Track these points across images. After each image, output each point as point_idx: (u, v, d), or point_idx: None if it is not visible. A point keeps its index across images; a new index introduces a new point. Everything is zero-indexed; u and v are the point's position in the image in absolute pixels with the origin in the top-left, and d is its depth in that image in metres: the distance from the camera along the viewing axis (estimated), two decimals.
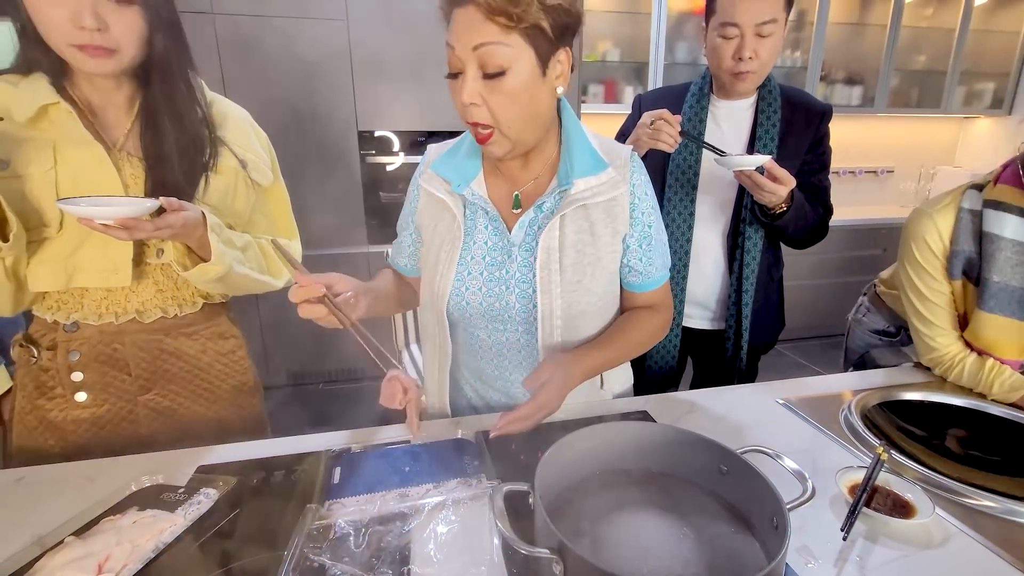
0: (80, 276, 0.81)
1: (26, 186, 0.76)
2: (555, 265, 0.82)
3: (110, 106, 0.82)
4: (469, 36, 0.67)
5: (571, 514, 0.60)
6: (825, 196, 1.22)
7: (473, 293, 0.85)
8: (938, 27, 3.37)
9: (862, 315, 1.33)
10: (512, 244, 0.84)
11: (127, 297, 0.85)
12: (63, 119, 0.78)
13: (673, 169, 1.23)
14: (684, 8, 3.05)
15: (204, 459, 0.78)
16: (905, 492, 0.67)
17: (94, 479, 0.73)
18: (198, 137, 0.86)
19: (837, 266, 3.24)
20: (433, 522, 0.63)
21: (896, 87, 3.42)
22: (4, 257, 0.73)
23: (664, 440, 0.65)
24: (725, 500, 0.61)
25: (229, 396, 0.99)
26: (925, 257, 1.00)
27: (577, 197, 0.81)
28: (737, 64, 1.10)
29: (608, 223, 0.84)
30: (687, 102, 1.23)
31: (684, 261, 1.25)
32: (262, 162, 0.96)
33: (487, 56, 0.67)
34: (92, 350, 0.85)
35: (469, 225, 0.85)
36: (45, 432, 0.87)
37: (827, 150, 1.23)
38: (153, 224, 0.73)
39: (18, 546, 0.61)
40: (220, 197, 0.89)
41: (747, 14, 1.05)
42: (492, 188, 0.86)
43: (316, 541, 0.60)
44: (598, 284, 0.85)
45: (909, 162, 3.77)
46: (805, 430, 0.87)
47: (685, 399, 0.96)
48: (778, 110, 1.18)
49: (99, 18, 0.71)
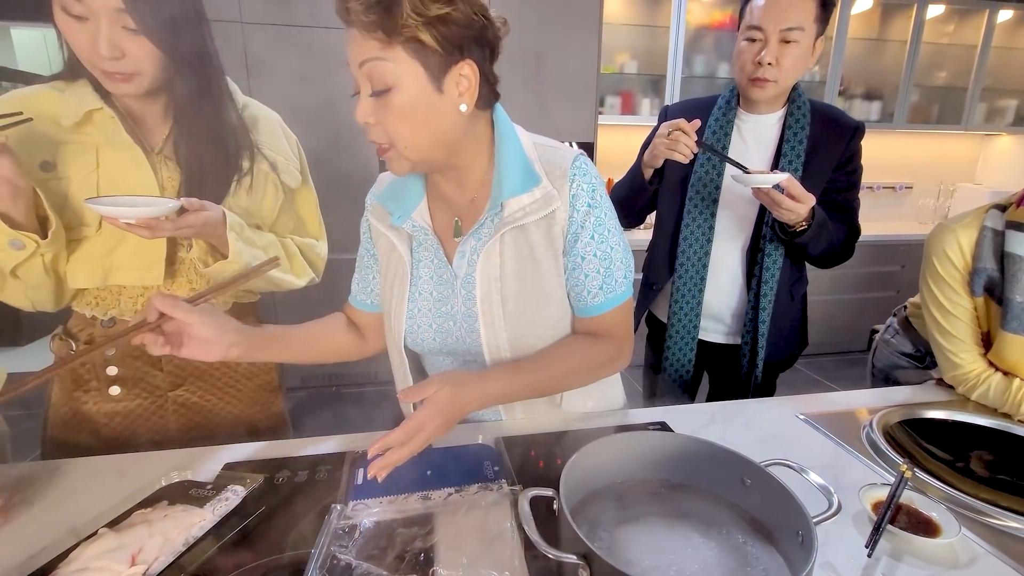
0: (116, 274, 0.84)
1: (70, 187, 0.79)
2: (496, 297, 0.77)
3: (148, 113, 0.86)
4: (354, 54, 0.64)
5: (593, 521, 0.61)
6: (853, 216, 1.20)
7: (425, 329, 0.82)
8: (959, 43, 3.35)
9: (890, 336, 1.31)
10: (455, 276, 0.79)
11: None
12: (106, 124, 0.81)
13: (695, 182, 1.22)
14: (702, 22, 3.07)
15: (231, 456, 0.79)
16: (930, 511, 0.67)
17: (126, 473, 0.75)
18: (231, 141, 0.89)
19: (855, 282, 3.21)
20: (456, 526, 0.64)
21: (916, 103, 3.40)
22: (43, 253, 0.76)
23: (685, 451, 0.66)
24: (748, 513, 0.61)
25: (253, 394, 1.01)
26: (947, 270, 0.99)
27: (510, 219, 0.74)
28: (756, 69, 1.10)
29: (548, 244, 0.77)
30: (713, 115, 1.23)
31: (701, 274, 1.24)
32: (291, 164, 0.98)
33: (372, 73, 0.64)
34: (127, 345, 0.87)
35: (416, 258, 0.81)
36: (79, 424, 0.89)
37: (858, 168, 1.20)
38: (174, 224, 0.75)
39: (53, 536, 0.63)
40: (249, 198, 0.91)
41: (773, 19, 1.05)
42: (435, 215, 0.81)
43: (342, 540, 0.61)
44: (545, 315, 0.79)
45: (929, 178, 3.74)
46: (826, 445, 0.87)
47: (704, 411, 0.96)
48: (806, 126, 1.16)
49: (115, 47, 0.73)
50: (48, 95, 0.80)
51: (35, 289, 0.80)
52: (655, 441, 0.68)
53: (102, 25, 0.72)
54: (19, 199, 0.71)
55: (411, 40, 0.62)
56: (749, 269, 1.23)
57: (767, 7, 1.06)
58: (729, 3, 3.08)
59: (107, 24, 0.72)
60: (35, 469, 0.76)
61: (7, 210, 0.71)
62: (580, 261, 0.78)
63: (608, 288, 0.79)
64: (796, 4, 1.06)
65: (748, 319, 1.24)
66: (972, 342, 1.00)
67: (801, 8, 1.05)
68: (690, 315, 1.27)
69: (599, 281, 0.79)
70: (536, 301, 0.78)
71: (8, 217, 0.71)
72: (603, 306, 0.80)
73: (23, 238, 0.73)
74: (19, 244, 0.73)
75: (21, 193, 0.71)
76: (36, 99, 0.79)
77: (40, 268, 0.78)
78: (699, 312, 1.27)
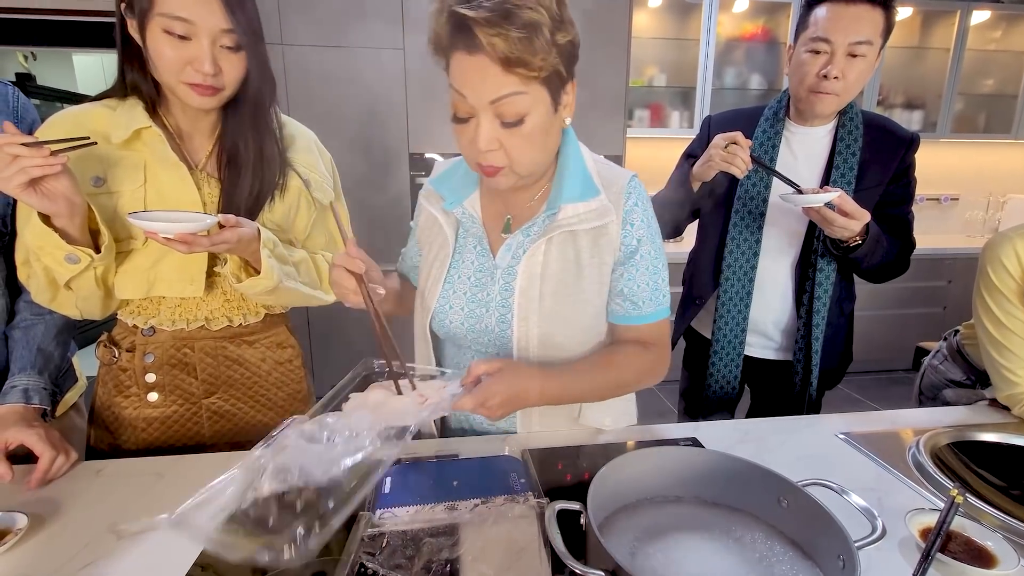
0: (159, 286, 0.87)
1: (118, 202, 0.83)
2: (535, 292, 0.79)
3: (195, 131, 0.90)
4: (485, 89, 0.64)
5: (621, 537, 0.59)
6: (908, 230, 1.16)
7: (456, 313, 0.84)
8: (1008, 50, 3.22)
9: (939, 362, 1.25)
10: (496, 267, 0.83)
11: (198, 305, 0.91)
12: (154, 141, 0.85)
13: (741, 195, 1.20)
14: (732, 34, 3.05)
15: None
16: (984, 539, 0.63)
17: (163, 474, 0.78)
18: (271, 160, 0.92)
19: (898, 297, 3.08)
20: (483, 537, 0.64)
21: (960, 112, 3.27)
22: (96, 267, 0.79)
23: (719, 468, 0.64)
24: (785, 534, 0.59)
25: (284, 403, 1.03)
26: (1003, 281, 0.94)
27: (563, 223, 0.78)
28: (820, 82, 1.06)
29: (595, 254, 0.80)
30: (760, 126, 1.20)
31: (748, 289, 1.21)
32: (325, 182, 1.01)
33: (506, 107, 0.65)
34: (165, 354, 0.91)
35: (460, 244, 0.86)
36: (119, 427, 0.93)
37: (912, 181, 1.16)
38: (210, 239, 0.78)
39: (95, 533, 0.66)
40: (283, 214, 0.94)
41: (842, 31, 1.02)
42: (486, 208, 0.85)
43: (370, 548, 0.61)
44: (579, 317, 0.81)
45: (976, 190, 3.57)
46: (868, 467, 0.83)
47: (737, 427, 0.93)
48: (859, 138, 1.13)
49: (215, 64, 0.79)
50: (100, 113, 0.84)
51: (85, 299, 0.84)
52: (687, 457, 0.66)
53: (204, 44, 0.77)
54: (76, 215, 0.74)
55: (551, 72, 0.66)
56: (799, 284, 1.20)
57: (835, 18, 1.03)
58: (760, 14, 3.05)
59: (209, 43, 0.77)
60: (76, 469, 0.80)
61: (64, 226, 0.74)
62: (635, 272, 0.81)
63: (657, 299, 0.83)
64: (866, 16, 1.02)
65: (800, 335, 1.20)
66: None
67: (871, 20, 1.02)
68: (736, 330, 1.24)
69: (650, 292, 0.82)
70: (573, 303, 0.80)
71: (65, 232, 0.75)
72: (654, 315, 0.83)
73: (79, 252, 0.76)
74: (75, 258, 0.76)
75: (78, 209, 0.74)
76: (89, 117, 0.84)
77: (92, 280, 0.81)
78: (745, 328, 1.24)
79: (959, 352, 1.20)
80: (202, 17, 0.76)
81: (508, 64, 0.63)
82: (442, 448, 0.85)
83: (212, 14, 0.76)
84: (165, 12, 0.74)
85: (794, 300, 1.22)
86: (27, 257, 0.80)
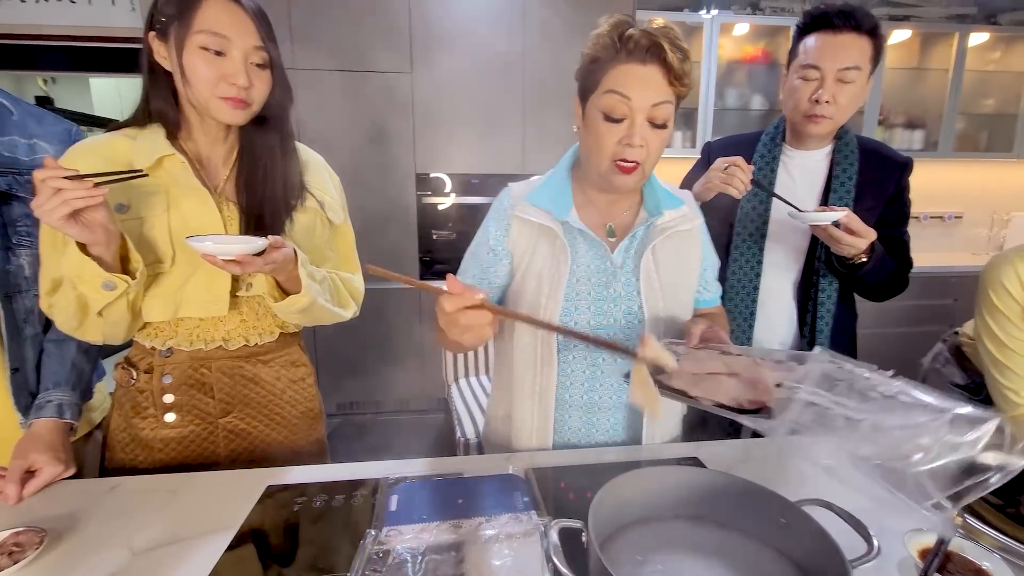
0: (185, 307, 0.89)
1: (143, 227, 0.86)
2: (656, 284, 0.93)
3: (214, 156, 0.93)
4: (650, 94, 0.80)
5: (621, 555, 0.60)
6: (905, 250, 1.19)
7: (581, 312, 0.91)
8: (1007, 70, 3.25)
9: (940, 365, 1.26)
10: (616, 266, 0.92)
11: (216, 326, 0.93)
12: (176, 168, 0.88)
13: (742, 217, 1.23)
14: (734, 56, 3.10)
15: (273, 479, 0.83)
16: (982, 560, 0.63)
17: (177, 491, 0.80)
18: (290, 182, 0.95)
19: (903, 315, 3.07)
20: (487, 555, 0.65)
21: (962, 131, 3.29)
22: (129, 292, 0.81)
23: (718, 487, 0.65)
24: (783, 553, 0.60)
25: (297, 421, 1.04)
26: (1004, 302, 0.95)
27: (665, 226, 0.93)
28: (813, 107, 1.10)
29: (684, 252, 0.96)
30: (758, 151, 1.23)
31: (751, 309, 1.23)
32: (336, 203, 1.05)
33: (659, 111, 0.81)
34: (183, 374, 0.92)
35: (574, 250, 0.92)
36: (136, 448, 0.94)
37: (907, 203, 1.19)
38: (262, 259, 0.81)
39: (109, 550, 0.67)
40: (303, 234, 0.97)
41: (831, 59, 1.06)
42: (587, 220, 0.94)
43: (376, 565, 0.63)
44: (688, 301, 0.98)
45: (980, 208, 3.58)
46: (868, 486, 0.83)
47: (738, 446, 0.94)
48: (855, 162, 1.16)
49: (248, 78, 0.84)
50: (121, 143, 0.87)
51: (114, 324, 0.85)
52: (686, 476, 0.67)
53: (238, 59, 0.82)
54: (112, 243, 0.76)
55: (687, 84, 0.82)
56: (802, 304, 1.22)
57: (824, 47, 1.07)
58: (761, 37, 3.10)
59: (241, 59, 0.83)
60: (90, 486, 0.82)
61: (100, 254, 0.76)
62: (708, 266, 1.03)
63: (718, 286, 1.07)
64: (853, 44, 1.06)
65: None
66: None
67: (858, 48, 1.06)
68: None
69: (715, 281, 1.05)
70: (684, 288, 0.97)
71: (101, 260, 0.77)
72: (717, 297, 1.07)
73: (115, 280, 0.78)
74: (111, 285, 0.78)
75: (114, 238, 0.76)
76: (110, 146, 0.87)
77: (124, 306, 0.82)
78: (750, 347, 1.25)
79: (959, 353, 1.21)
80: (237, 33, 0.81)
81: (674, 75, 0.80)
82: (447, 467, 0.87)
83: (246, 31, 0.82)
84: (204, 28, 0.80)
85: (797, 319, 1.23)
86: (53, 287, 0.81)
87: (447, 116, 2.60)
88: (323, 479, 0.83)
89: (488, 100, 2.62)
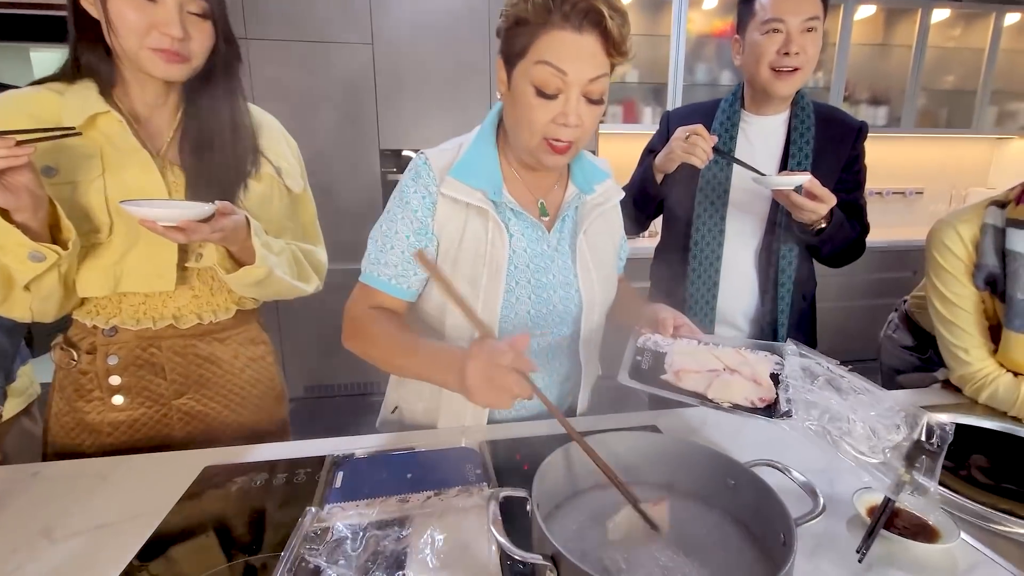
0: (126, 281, 0.82)
1: (75, 192, 0.77)
2: (590, 264, 0.89)
3: (155, 116, 0.84)
4: (587, 68, 0.71)
5: (572, 523, 0.59)
6: (862, 215, 1.19)
7: (522, 302, 0.85)
8: (967, 47, 3.31)
9: (892, 331, 1.30)
10: (552, 249, 0.87)
11: (164, 303, 0.86)
12: (112, 128, 0.79)
13: (703, 185, 1.21)
14: (703, 30, 3.08)
15: (212, 460, 0.78)
16: (927, 515, 0.64)
17: (106, 476, 0.75)
18: (242, 145, 0.87)
19: (865, 289, 3.15)
20: (431, 528, 0.62)
21: (924, 107, 3.35)
22: (60, 264, 0.73)
23: (668, 452, 0.64)
24: (733, 515, 0.59)
25: (258, 401, 0.99)
26: (949, 262, 0.97)
27: (598, 201, 0.90)
28: (781, 59, 1.07)
29: (611, 226, 0.95)
30: (717, 118, 1.22)
31: (714, 279, 1.22)
32: (295, 169, 0.97)
33: (596, 86, 0.73)
34: (130, 354, 0.86)
35: (512, 233, 0.84)
36: (82, 434, 0.87)
37: (862, 168, 1.20)
38: (209, 227, 0.73)
39: (23, 536, 0.63)
40: (258, 203, 0.89)
41: (793, 11, 1.05)
42: (518, 197, 0.86)
43: (313, 543, 0.59)
44: (612, 277, 0.95)
45: (939, 183, 3.67)
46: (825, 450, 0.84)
47: (696, 414, 0.93)
48: (811, 127, 1.16)
49: (184, 29, 0.75)
50: (47, 97, 0.78)
51: (43, 300, 0.78)
52: (638, 442, 0.66)
53: (170, 5, 0.73)
54: (40, 210, 0.69)
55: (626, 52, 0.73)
56: (763, 271, 1.21)
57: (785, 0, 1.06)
58: (730, 11, 3.08)
59: (175, 5, 0.74)
60: (10, 472, 0.76)
61: (26, 221, 0.68)
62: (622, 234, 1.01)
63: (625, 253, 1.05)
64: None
65: (766, 322, 1.21)
66: (980, 337, 0.97)
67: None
68: (704, 320, 1.24)
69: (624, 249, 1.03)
70: (611, 263, 0.95)
71: (27, 228, 0.69)
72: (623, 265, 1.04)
73: (44, 250, 0.70)
74: (39, 256, 0.70)
75: (41, 203, 0.69)
76: (33, 101, 0.77)
77: (55, 279, 0.75)
78: (714, 318, 1.24)
79: (908, 318, 1.23)
80: None
81: (612, 46, 0.71)
82: (398, 442, 0.84)
83: None
84: None
85: (758, 285, 1.23)
86: None
87: (411, 90, 2.51)
88: (267, 458, 0.79)
89: (454, 72, 2.54)
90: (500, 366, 0.61)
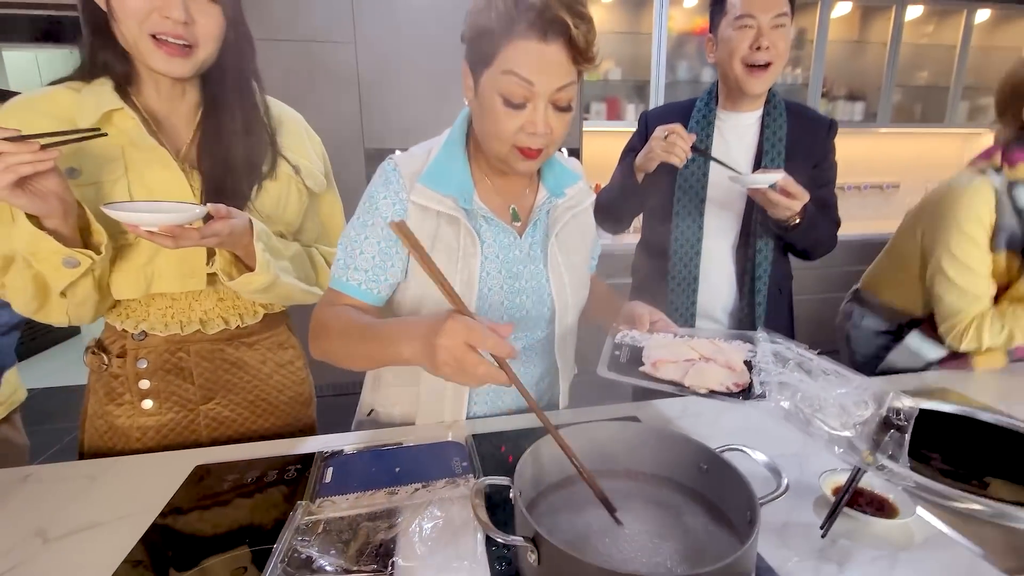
0: (159, 282, 0.80)
1: (99, 193, 0.75)
2: (562, 268, 0.90)
3: (173, 116, 0.82)
4: (554, 77, 0.70)
5: (552, 509, 0.61)
6: (833, 210, 1.23)
7: (494, 309, 0.85)
8: (939, 44, 3.40)
9: (859, 320, 1.33)
10: (524, 255, 0.87)
11: (191, 306, 0.85)
12: (128, 125, 0.77)
13: (682, 183, 1.24)
14: (684, 28, 3.12)
15: (202, 459, 0.80)
16: (887, 492, 0.68)
17: (96, 478, 0.76)
18: (259, 145, 0.85)
19: (842, 281, 3.19)
20: (419, 518, 0.65)
21: (899, 103, 3.44)
22: (94, 269, 0.72)
23: (644, 439, 0.67)
24: (706, 498, 0.62)
25: (286, 407, 0.98)
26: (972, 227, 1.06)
27: (569, 204, 0.90)
28: (754, 54, 1.10)
29: (583, 229, 0.95)
30: (693, 117, 1.25)
31: (694, 274, 1.25)
32: (315, 168, 0.94)
33: (564, 94, 0.72)
34: (159, 359, 0.85)
35: (484, 239, 0.84)
36: (113, 437, 0.87)
37: (833, 164, 1.24)
38: (199, 232, 0.71)
39: (16, 537, 0.64)
40: (273, 204, 0.87)
41: (763, 9, 1.08)
42: (486, 202, 0.85)
43: (305, 535, 0.61)
44: (584, 279, 0.95)
45: (915, 177, 3.77)
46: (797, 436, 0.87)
47: (675, 405, 0.96)
48: (784, 124, 1.19)
49: (187, 11, 0.71)
50: (64, 96, 0.76)
51: (79, 305, 0.76)
52: (618, 432, 0.69)
53: None
54: (69, 215, 0.67)
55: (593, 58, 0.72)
56: (741, 266, 1.25)
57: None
58: None
59: None
60: (1, 475, 0.77)
61: (57, 227, 0.67)
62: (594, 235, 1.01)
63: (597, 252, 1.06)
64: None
65: (744, 315, 1.25)
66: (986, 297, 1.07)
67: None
68: (685, 315, 1.28)
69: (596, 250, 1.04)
70: (583, 265, 0.96)
71: (58, 234, 0.67)
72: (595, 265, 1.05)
73: (78, 255, 0.69)
74: (73, 262, 0.69)
75: (71, 208, 0.67)
76: (51, 101, 0.75)
77: (90, 284, 0.74)
78: (695, 312, 1.28)
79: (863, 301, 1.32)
80: None
81: (578, 54, 0.70)
82: (386, 437, 0.86)
83: None
84: None
85: (736, 280, 1.26)
86: (4, 265, 0.72)
87: (395, 88, 2.52)
88: (258, 456, 0.81)
89: (439, 70, 2.55)
90: (473, 353, 0.58)
